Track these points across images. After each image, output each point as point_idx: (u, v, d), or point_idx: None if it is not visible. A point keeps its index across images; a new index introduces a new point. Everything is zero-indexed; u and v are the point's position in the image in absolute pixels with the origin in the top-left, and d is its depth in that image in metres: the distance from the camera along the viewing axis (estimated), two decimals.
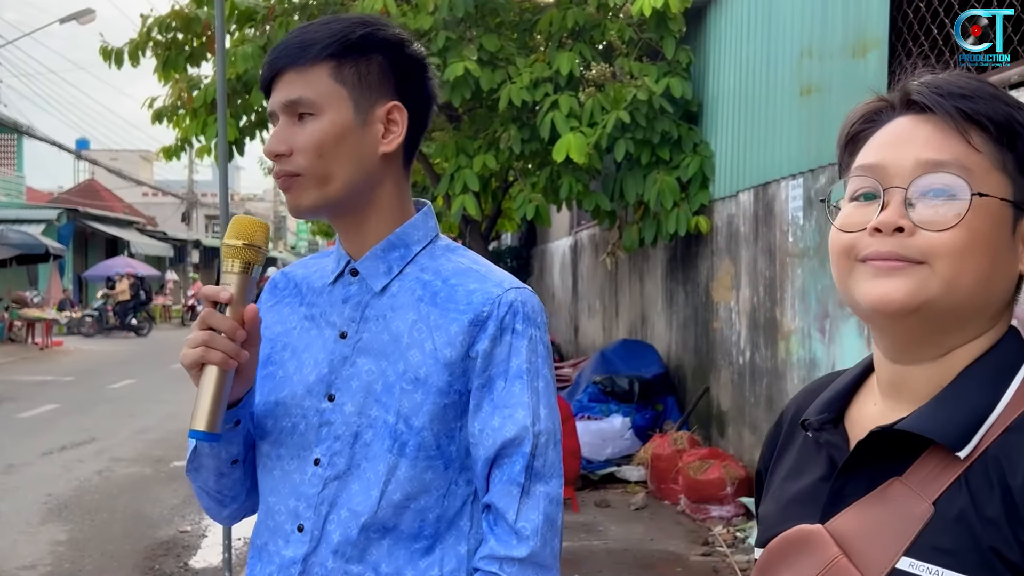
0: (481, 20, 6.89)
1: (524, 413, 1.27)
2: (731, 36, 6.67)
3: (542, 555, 1.25)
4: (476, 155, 6.74)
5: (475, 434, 1.29)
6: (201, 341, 1.21)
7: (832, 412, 0.98)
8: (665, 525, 5.84)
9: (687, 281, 7.61)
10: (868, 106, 0.98)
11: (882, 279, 0.87)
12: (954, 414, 0.86)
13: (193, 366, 1.23)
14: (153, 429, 9.96)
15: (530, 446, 1.27)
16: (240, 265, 1.24)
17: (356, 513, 1.28)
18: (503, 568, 1.25)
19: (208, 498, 1.43)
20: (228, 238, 1.24)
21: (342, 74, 1.28)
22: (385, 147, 1.31)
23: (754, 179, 6.13)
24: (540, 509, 1.26)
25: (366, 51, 1.29)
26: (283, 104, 1.29)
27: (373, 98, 1.30)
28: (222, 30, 4.08)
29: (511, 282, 1.33)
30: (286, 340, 1.38)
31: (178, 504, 6.85)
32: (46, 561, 5.51)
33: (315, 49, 1.28)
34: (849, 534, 0.88)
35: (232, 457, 1.36)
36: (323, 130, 1.27)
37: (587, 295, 12.23)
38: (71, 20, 20.35)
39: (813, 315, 5.19)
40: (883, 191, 0.89)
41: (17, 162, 31.85)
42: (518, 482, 1.26)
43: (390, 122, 1.31)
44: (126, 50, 7.11)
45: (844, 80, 4.87)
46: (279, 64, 1.30)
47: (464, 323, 1.29)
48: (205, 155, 7.38)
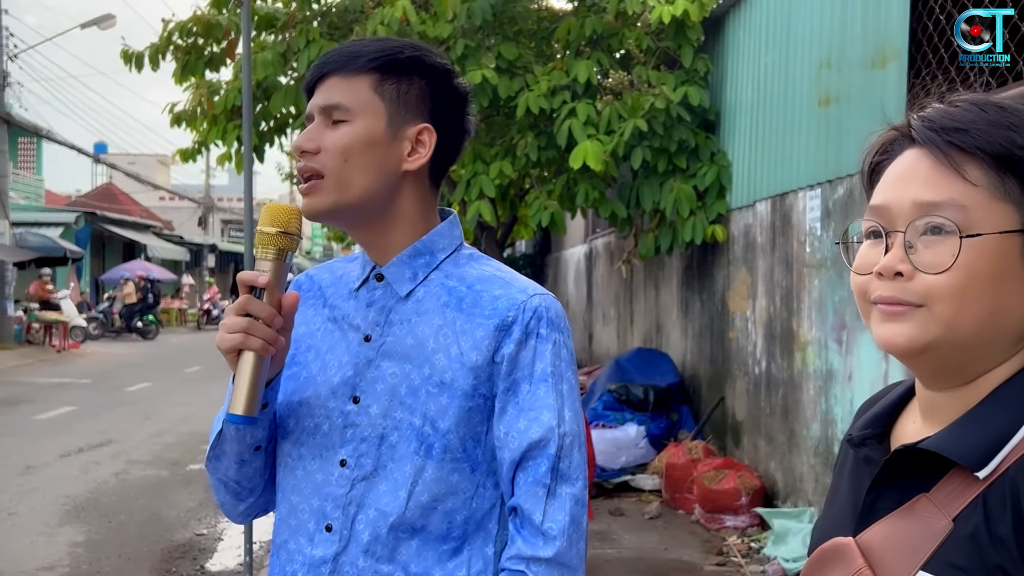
0: (499, 28, 6.92)
1: (549, 415, 1.30)
2: (749, 45, 6.67)
3: (568, 556, 1.27)
4: (493, 162, 6.76)
5: (500, 437, 1.31)
6: (240, 327, 1.24)
7: (877, 428, 1.01)
8: (679, 534, 5.83)
9: (703, 290, 7.60)
10: (883, 136, 0.99)
11: (887, 323, 0.90)
12: (976, 436, 0.88)
13: (231, 351, 1.25)
14: (169, 432, 10.01)
15: (555, 447, 1.29)
16: (274, 252, 1.26)
17: (384, 513, 1.31)
18: (530, 568, 1.27)
19: (226, 491, 1.44)
20: (262, 225, 1.26)
21: (382, 88, 1.33)
22: (408, 165, 1.34)
23: (771, 189, 6.12)
24: (566, 510, 1.28)
25: (410, 72, 1.34)
26: (321, 107, 1.33)
27: (407, 117, 1.34)
28: (248, 38, 4.12)
29: (535, 288, 1.36)
30: (310, 341, 1.40)
31: (194, 507, 6.89)
32: (64, 562, 5.55)
33: (362, 60, 1.33)
34: (876, 547, 0.91)
35: (256, 442, 1.37)
36: (353, 135, 1.31)
37: (602, 303, 12.23)
38: (92, 25, 20.52)
39: (830, 326, 5.18)
40: (886, 234, 0.91)
41: (36, 165, 32.13)
42: (544, 483, 1.28)
43: (418, 143, 1.35)
44: (147, 54, 7.17)
45: (863, 91, 4.87)
46: (325, 68, 1.34)
47: (490, 328, 1.31)
48: (226, 161, 7.42)
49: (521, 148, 6.75)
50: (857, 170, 3.77)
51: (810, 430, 5.46)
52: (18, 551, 5.74)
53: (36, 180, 31.87)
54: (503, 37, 6.86)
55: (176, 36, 7.13)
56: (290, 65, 6.91)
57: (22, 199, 27.38)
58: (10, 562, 5.51)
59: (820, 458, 5.29)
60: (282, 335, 1.28)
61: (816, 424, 5.38)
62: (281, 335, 1.28)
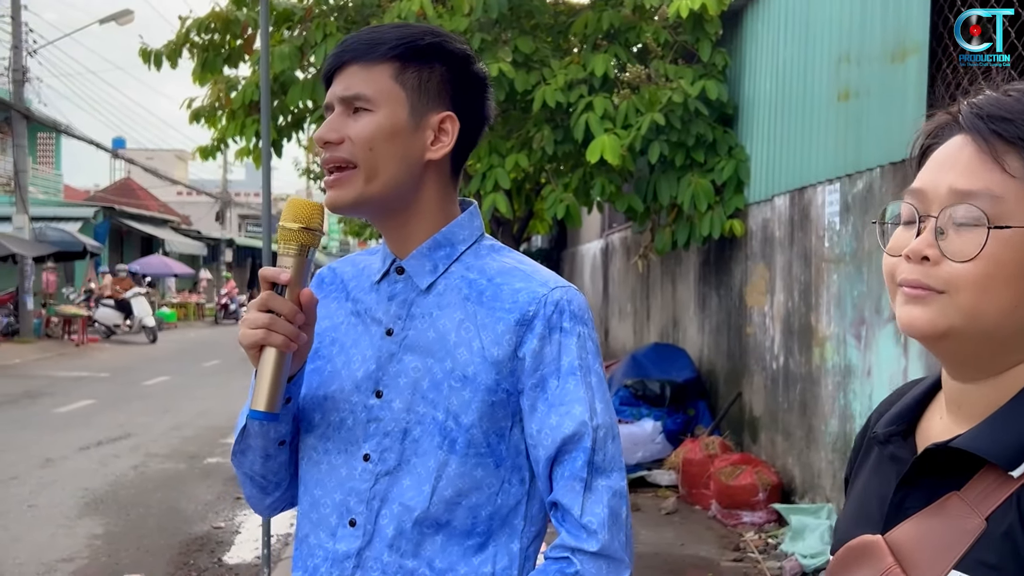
0: (516, 22, 6.91)
1: (581, 409, 1.28)
2: (768, 39, 6.63)
3: (612, 547, 1.26)
4: (508, 155, 6.75)
5: (533, 435, 1.30)
6: (262, 323, 1.23)
7: (902, 424, 1.00)
8: (696, 530, 5.82)
9: (720, 285, 7.57)
10: (936, 120, 0.98)
11: (908, 305, 0.90)
12: (1008, 434, 0.87)
13: (253, 347, 1.25)
14: (187, 425, 10.07)
15: (590, 441, 1.28)
16: (296, 248, 1.25)
17: (408, 508, 1.30)
18: (575, 556, 1.26)
19: (252, 485, 1.44)
20: (285, 220, 1.25)
21: (403, 76, 1.31)
22: (432, 154, 1.32)
23: (790, 183, 6.09)
24: (604, 503, 1.27)
25: (430, 59, 1.32)
26: (341, 96, 1.31)
27: (429, 105, 1.32)
28: (266, 33, 4.13)
29: (556, 281, 1.34)
30: (333, 335, 1.39)
31: (212, 500, 6.93)
32: (83, 554, 5.59)
33: (382, 48, 1.30)
34: (906, 545, 0.90)
35: (280, 437, 1.37)
36: (377, 124, 1.29)
37: (618, 298, 12.20)
38: (110, 21, 20.62)
39: (849, 321, 5.15)
40: (919, 218, 0.90)
41: (55, 161, 32.38)
42: (580, 477, 1.27)
43: (441, 131, 1.33)
44: (164, 52, 7.20)
45: (883, 85, 4.83)
46: (345, 57, 1.32)
47: (510, 322, 1.30)
48: (244, 156, 7.44)
49: (537, 142, 6.74)
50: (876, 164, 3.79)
51: (828, 426, 5.43)
52: (38, 543, 5.78)
53: (55, 175, 32.10)
54: (520, 31, 6.84)
55: (194, 33, 7.16)
56: (307, 59, 6.92)
57: (41, 194, 27.58)
58: (30, 553, 5.56)
59: (838, 454, 5.26)
60: (304, 331, 1.27)
61: (834, 420, 5.35)
62: (303, 331, 1.27)
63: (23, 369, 15.63)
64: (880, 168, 4.79)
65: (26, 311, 20.02)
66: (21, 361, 16.82)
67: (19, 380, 13.79)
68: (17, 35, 20.58)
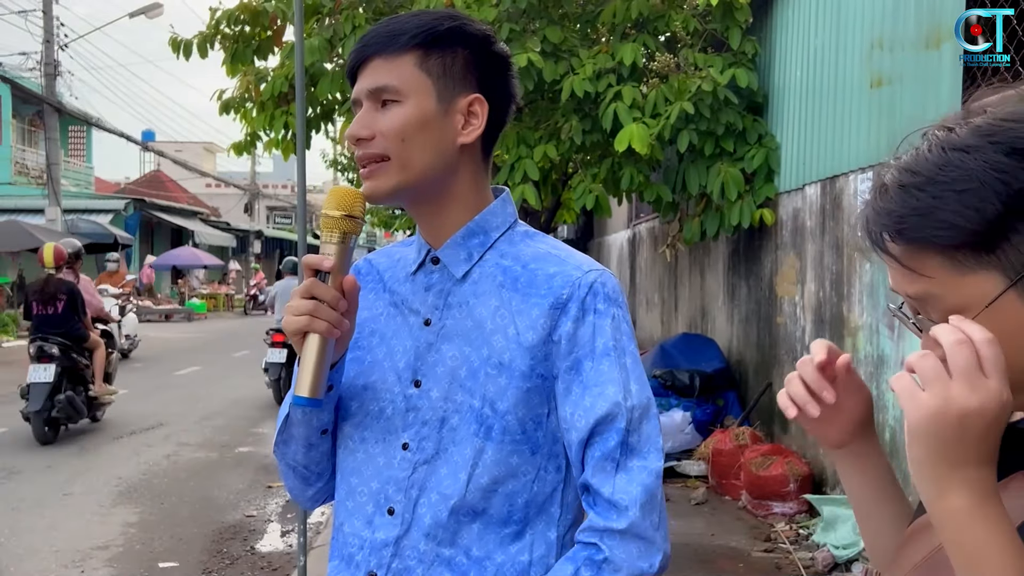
0: (544, 12, 6.88)
1: (615, 389, 1.27)
2: (799, 26, 6.57)
3: (643, 526, 1.23)
4: (536, 145, 6.74)
5: (567, 418, 1.29)
6: (306, 310, 1.24)
7: None
8: (726, 521, 5.80)
9: (750, 275, 7.53)
10: None
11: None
12: None
13: (297, 334, 1.26)
14: (218, 415, 10.17)
15: (624, 421, 1.26)
16: (339, 235, 1.26)
17: (445, 496, 1.30)
18: (603, 540, 1.23)
19: (294, 476, 1.45)
20: (327, 209, 1.26)
21: (428, 64, 1.31)
22: (464, 138, 1.33)
23: (821, 172, 6.03)
24: (638, 481, 1.24)
25: (452, 44, 1.32)
26: (368, 90, 1.31)
27: (456, 90, 1.32)
28: (300, 27, 4.13)
29: (590, 264, 1.34)
30: (373, 326, 1.40)
31: (244, 489, 7.00)
32: (118, 542, 5.67)
33: (403, 39, 1.31)
34: None
35: (323, 426, 1.38)
36: (406, 116, 1.29)
37: (645, 288, 12.16)
38: (140, 14, 20.78)
39: (882, 311, 5.10)
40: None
41: (87, 153, 32.72)
42: (613, 458, 1.25)
43: (470, 114, 1.33)
44: (195, 43, 7.25)
45: (916, 72, 4.77)
46: (367, 51, 1.32)
47: (545, 306, 1.30)
48: (274, 148, 7.48)
49: (565, 132, 6.72)
50: None
51: None
52: (73, 530, 5.87)
53: (86, 168, 32.47)
54: (548, 20, 6.81)
55: (224, 24, 7.20)
56: (336, 51, 6.94)
57: (73, 186, 27.92)
58: (66, 540, 5.64)
59: None
60: (346, 317, 1.28)
61: None
62: (345, 318, 1.28)
63: None
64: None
65: None
66: None
67: None
68: (49, 29, 20.81)
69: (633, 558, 1.23)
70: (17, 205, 23.74)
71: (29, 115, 27.51)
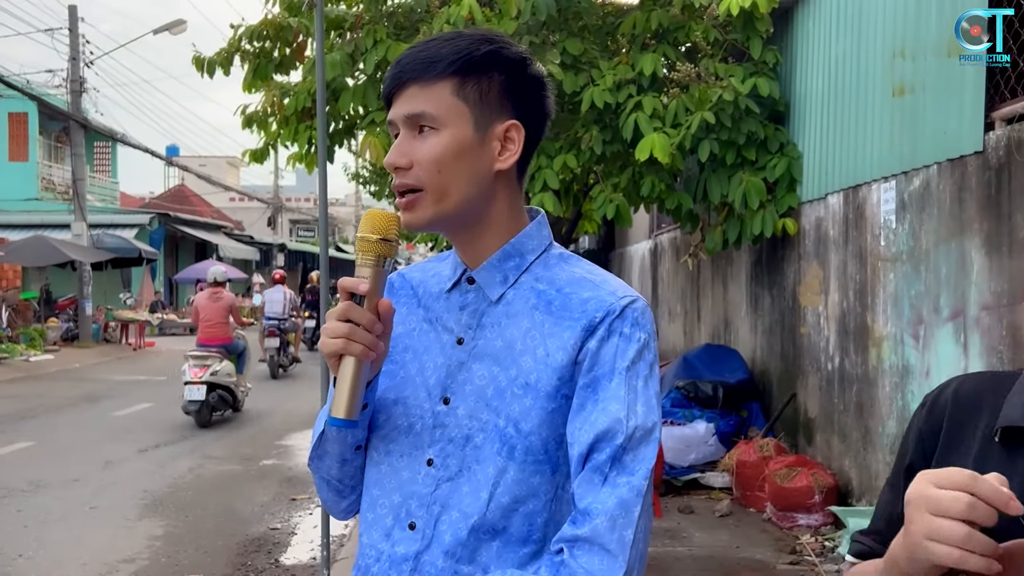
0: (564, 24, 6.90)
1: (618, 407, 1.26)
2: (820, 36, 6.54)
3: (607, 538, 1.20)
4: (557, 156, 6.75)
5: (573, 433, 1.28)
6: (342, 333, 1.25)
7: None
8: (751, 533, 5.76)
9: (773, 285, 7.49)
10: None
11: None
12: None
13: (332, 356, 1.27)
14: (242, 428, 10.22)
15: (622, 439, 1.24)
16: (374, 258, 1.27)
17: (466, 514, 1.30)
18: (568, 546, 1.22)
19: (328, 488, 1.46)
20: (363, 231, 1.27)
21: (464, 91, 1.30)
22: (500, 164, 1.33)
23: (844, 181, 6.00)
24: (616, 495, 1.22)
25: (488, 69, 1.31)
26: (405, 117, 1.31)
27: (492, 116, 1.32)
28: (321, 42, 4.16)
29: (625, 290, 1.34)
30: (407, 342, 1.41)
31: (268, 501, 7.02)
32: (143, 555, 5.70)
33: (440, 66, 1.30)
34: None
35: (357, 442, 1.39)
36: (444, 145, 1.29)
37: (667, 299, 12.13)
38: (164, 31, 21.01)
39: (906, 321, 5.06)
40: None
41: (112, 168, 33.08)
42: (602, 471, 1.23)
43: (507, 140, 1.33)
44: (217, 60, 7.31)
45: (939, 80, 4.74)
46: (404, 77, 1.32)
47: (578, 329, 1.30)
48: (297, 162, 7.54)
49: (586, 143, 6.72)
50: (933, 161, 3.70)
51: (886, 427, 5.34)
52: (100, 543, 5.91)
53: (111, 183, 32.81)
54: (568, 33, 6.83)
55: (245, 41, 7.26)
56: (357, 66, 6.98)
57: (98, 201, 28.22)
58: (93, 554, 5.68)
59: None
60: (381, 340, 1.29)
61: (892, 421, 5.26)
62: (380, 340, 1.29)
63: (83, 373, 15.99)
64: (937, 165, 4.70)
65: (85, 316, 20.48)
66: (81, 365, 17.21)
67: (79, 384, 14.11)
68: (75, 47, 21.08)
69: (593, 568, 1.20)
70: (44, 220, 24.04)
71: (55, 131, 27.86)
